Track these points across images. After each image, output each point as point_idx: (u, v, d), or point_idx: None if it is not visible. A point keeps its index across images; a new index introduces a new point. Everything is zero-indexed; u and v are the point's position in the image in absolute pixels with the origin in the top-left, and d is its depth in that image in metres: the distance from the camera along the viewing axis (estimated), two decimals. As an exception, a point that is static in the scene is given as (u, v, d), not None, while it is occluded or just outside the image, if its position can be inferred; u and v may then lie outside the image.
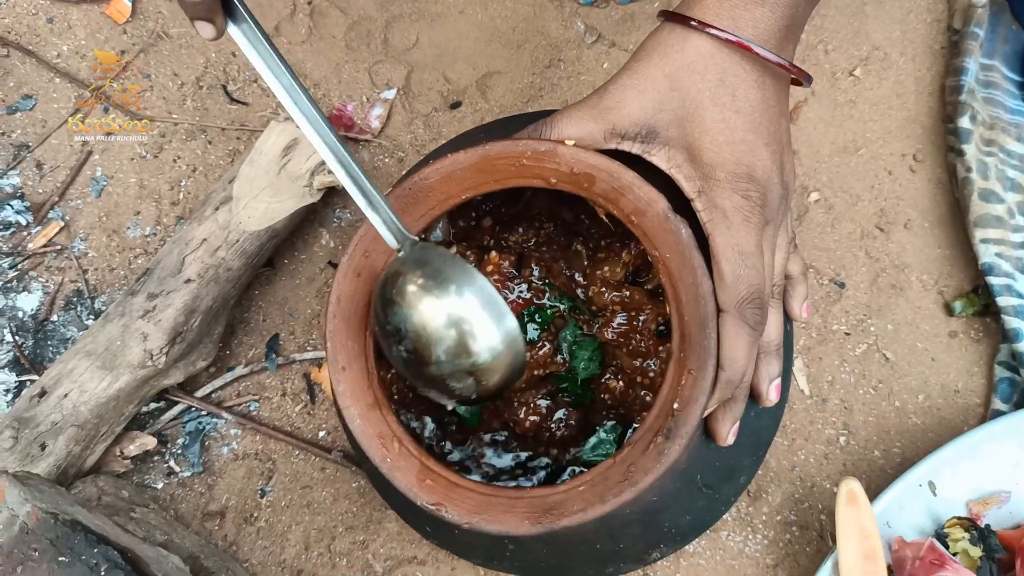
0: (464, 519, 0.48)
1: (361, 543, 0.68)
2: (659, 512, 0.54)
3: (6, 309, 0.73)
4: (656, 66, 0.48)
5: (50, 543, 0.51)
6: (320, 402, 0.71)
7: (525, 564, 0.57)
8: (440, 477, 0.49)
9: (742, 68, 0.47)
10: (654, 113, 0.48)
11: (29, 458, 0.63)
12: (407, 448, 0.50)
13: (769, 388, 0.52)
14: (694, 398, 0.47)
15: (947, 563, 0.58)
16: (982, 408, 0.68)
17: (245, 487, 0.70)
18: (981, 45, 0.74)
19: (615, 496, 0.47)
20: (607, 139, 0.50)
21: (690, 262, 0.48)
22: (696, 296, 0.48)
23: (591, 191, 0.50)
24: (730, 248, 0.47)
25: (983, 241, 0.69)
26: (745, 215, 0.47)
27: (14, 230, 0.75)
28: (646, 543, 0.56)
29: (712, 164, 0.47)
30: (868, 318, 0.71)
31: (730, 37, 0.46)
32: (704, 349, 0.47)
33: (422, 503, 0.49)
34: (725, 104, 0.47)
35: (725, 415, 0.50)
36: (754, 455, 0.57)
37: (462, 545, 0.59)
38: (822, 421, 0.69)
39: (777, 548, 0.66)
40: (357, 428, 0.50)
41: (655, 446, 0.47)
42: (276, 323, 0.73)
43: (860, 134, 0.75)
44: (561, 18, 0.78)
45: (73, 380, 0.64)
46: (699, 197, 0.48)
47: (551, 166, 0.50)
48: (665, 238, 0.49)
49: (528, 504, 0.48)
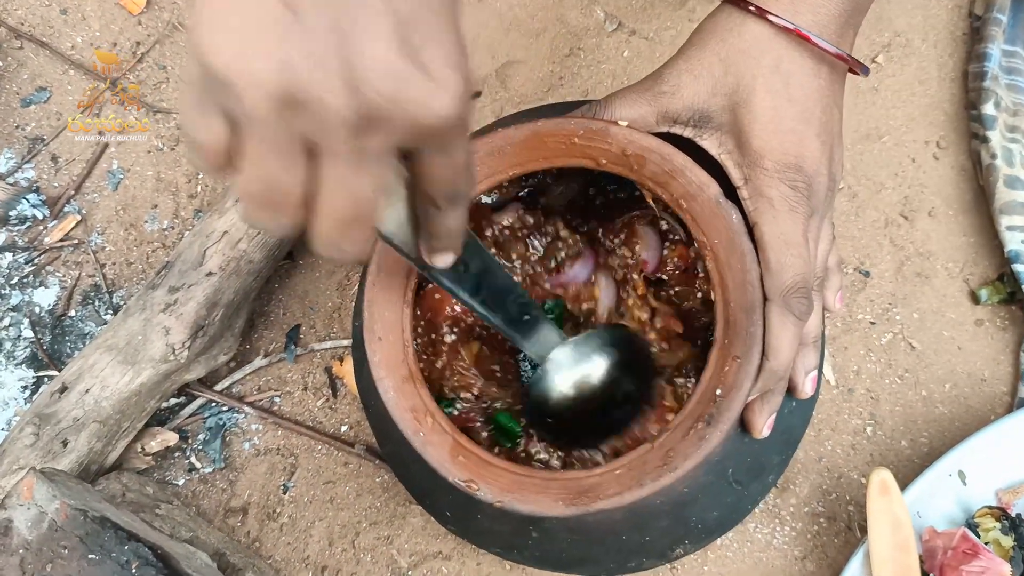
0: (496, 497, 0.47)
1: (386, 538, 0.67)
2: (688, 504, 0.53)
3: (23, 304, 0.72)
4: (712, 51, 0.48)
5: (79, 540, 0.50)
6: (342, 396, 0.71)
7: (546, 554, 0.57)
8: (472, 455, 0.48)
9: (799, 56, 0.47)
10: (708, 98, 0.48)
11: (51, 455, 0.62)
12: (440, 424, 0.49)
13: (806, 380, 0.52)
14: (738, 385, 0.47)
15: (981, 552, 0.57)
16: (1009, 397, 0.68)
17: (267, 483, 0.69)
18: (1004, 31, 0.74)
19: (653, 480, 0.46)
20: (659, 122, 0.50)
21: (739, 248, 0.48)
22: (744, 283, 0.47)
23: (640, 173, 0.50)
24: (776, 237, 0.47)
25: (1009, 228, 0.68)
26: (792, 205, 0.46)
27: (30, 224, 0.74)
28: (672, 538, 0.55)
29: (761, 152, 0.47)
30: (893, 307, 0.70)
31: (787, 25, 0.46)
32: (750, 336, 0.47)
33: (454, 479, 0.48)
34: (778, 92, 0.46)
35: (763, 406, 0.50)
36: (783, 453, 0.56)
37: (483, 533, 0.58)
38: (849, 411, 0.68)
39: (805, 540, 0.66)
40: (391, 400, 0.49)
41: (695, 432, 0.46)
42: (296, 316, 0.73)
43: (883, 121, 0.74)
44: (581, 6, 0.78)
45: (94, 375, 0.64)
46: (746, 185, 0.48)
47: (602, 146, 0.50)
48: (714, 223, 0.48)
49: (562, 485, 0.47)
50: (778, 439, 0.54)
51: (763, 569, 0.65)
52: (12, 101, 0.77)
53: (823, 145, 0.47)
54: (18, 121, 0.77)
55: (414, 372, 0.50)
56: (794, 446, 0.57)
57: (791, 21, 0.46)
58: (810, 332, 0.51)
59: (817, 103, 0.47)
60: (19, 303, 0.72)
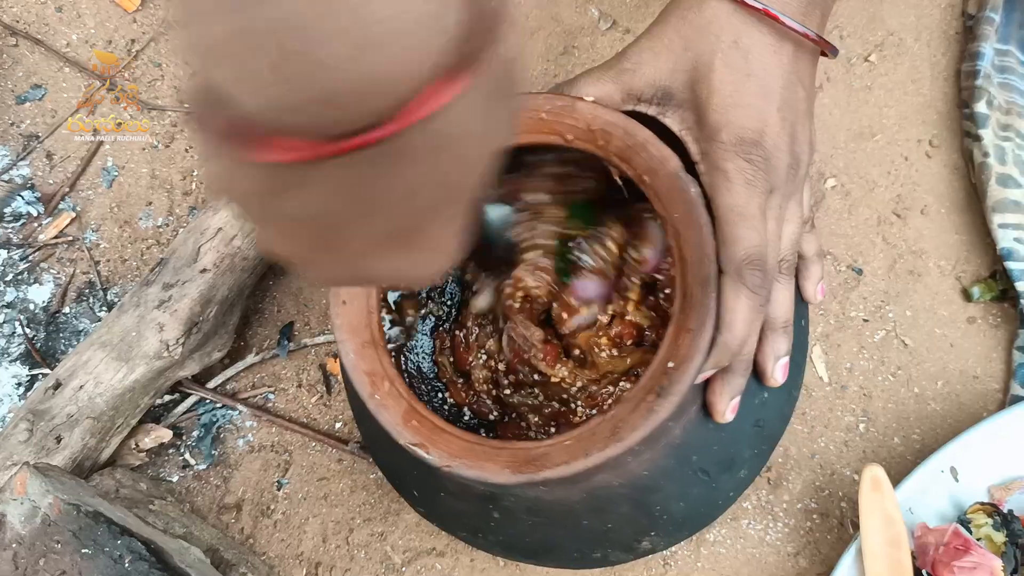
0: (444, 461, 0.47)
1: (379, 535, 0.67)
2: (650, 491, 0.52)
3: (17, 301, 0.72)
4: (673, 28, 0.48)
5: (73, 535, 0.50)
6: (336, 393, 0.71)
7: (510, 539, 0.56)
8: (426, 420, 0.49)
9: (758, 32, 0.46)
10: (669, 75, 0.48)
11: (44, 451, 0.62)
12: (397, 389, 0.49)
13: (775, 367, 0.51)
14: (690, 356, 0.46)
15: (972, 548, 0.58)
16: (1001, 394, 0.68)
17: (261, 479, 0.69)
18: (997, 30, 0.74)
19: (599, 450, 0.46)
20: (625, 101, 0.50)
21: (697, 220, 0.47)
22: (700, 257, 0.47)
23: (607, 149, 0.50)
24: (730, 209, 0.47)
25: (1001, 226, 0.68)
26: (747, 178, 0.46)
27: (24, 221, 0.74)
28: (635, 527, 0.54)
29: (717, 126, 0.47)
30: (886, 304, 0.70)
31: (746, 0, 0.46)
32: (704, 308, 0.46)
33: (404, 442, 0.48)
34: (737, 67, 0.46)
35: (723, 387, 0.49)
36: (757, 448, 0.56)
37: (447, 514, 0.58)
38: (841, 408, 0.68)
39: (798, 536, 0.66)
40: (350, 363, 0.49)
41: (645, 404, 0.46)
42: (291, 313, 0.73)
43: (876, 120, 0.74)
44: (575, 5, 0.78)
45: (88, 371, 0.64)
46: (703, 159, 0.48)
47: (569, 121, 0.50)
48: (675, 197, 0.48)
49: (511, 454, 0.47)
50: (749, 431, 0.54)
51: (756, 565, 0.65)
52: (7, 98, 0.77)
53: (783, 121, 0.47)
54: (13, 118, 0.77)
55: (376, 338, 0.50)
56: (770, 442, 0.56)
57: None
58: (778, 317, 0.50)
59: (778, 79, 0.47)
60: (13, 300, 0.72)
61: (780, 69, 0.47)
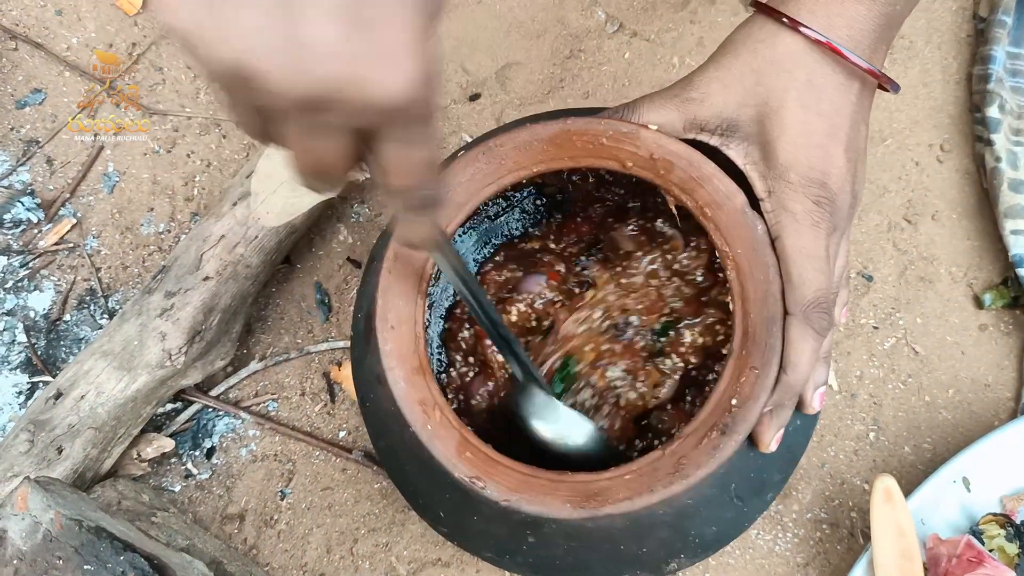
0: (504, 496, 0.47)
1: (384, 545, 0.67)
2: (690, 517, 0.53)
3: (17, 309, 0.72)
4: (744, 61, 0.47)
5: (75, 551, 0.50)
6: (340, 401, 0.70)
7: (540, 560, 0.55)
8: (480, 452, 0.48)
9: (831, 70, 0.46)
10: (737, 107, 0.48)
11: (46, 462, 0.61)
12: (448, 418, 0.48)
13: (814, 395, 0.51)
14: (755, 396, 0.46)
15: (985, 560, 0.57)
16: (1013, 402, 0.68)
17: (264, 489, 0.68)
18: (1008, 33, 0.73)
19: (664, 487, 0.46)
20: (687, 129, 0.49)
21: (763, 259, 0.47)
22: (765, 294, 0.47)
23: (666, 179, 0.49)
24: (799, 251, 0.47)
25: (1014, 232, 0.68)
26: (815, 220, 0.46)
27: (24, 228, 0.73)
28: (669, 551, 0.54)
29: (787, 165, 0.46)
30: (896, 311, 0.70)
31: (821, 38, 0.45)
32: (769, 348, 0.47)
33: (460, 475, 0.47)
34: (809, 106, 0.46)
35: (772, 420, 0.49)
36: (784, 472, 0.55)
37: (477, 536, 0.57)
38: (851, 417, 0.68)
39: (808, 546, 0.65)
40: (400, 391, 0.48)
41: (709, 440, 0.46)
42: (294, 321, 0.72)
43: (886, 124, 0.74)
44: (581, 7, 0.77)
45: (90, 381, 0.63)
46: (769, 197, 0.48)
47: (630, 148, 0.50)
48: (739, 233, 0.48)
49: (570, 488, 0.47)
50: (783, 456, 0.54)
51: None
52: (7, 103, 0.76)
53: (849, 162, 0.47)
54: (12, 123, 0.76)
55: (424, 365, 0.49)
56: (794, 465, 0.56)
57: (825, 35, 0.45)
58: (825, 348, 0.51)
59: (847, 119, 0.47)
60: (14, 307, 0.72)
61: (848, 108, 0.47)
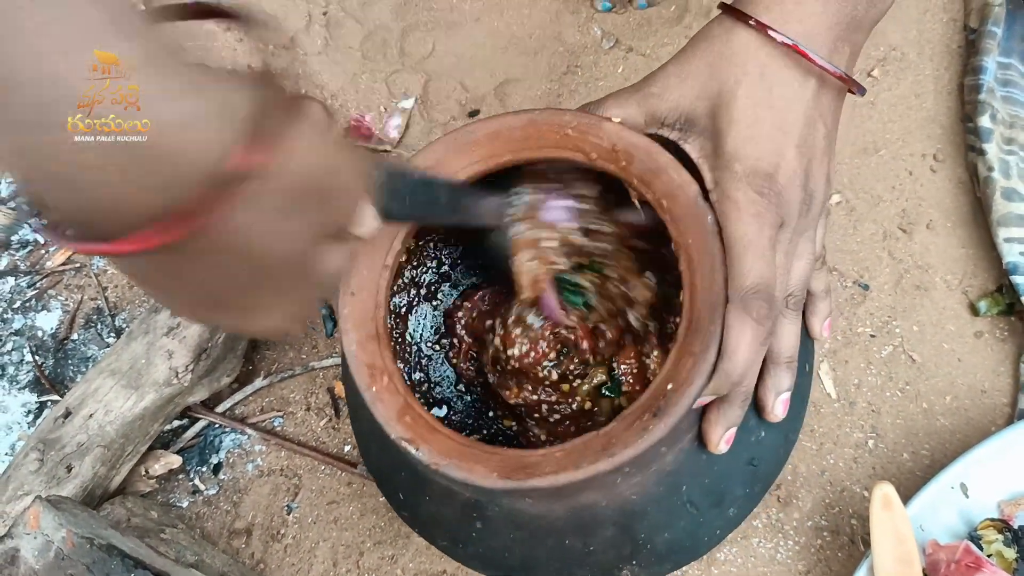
0: (433, 459, 0.47)
1: (390, 558, 0.67)
2: (636, 516, 0.52)
3: (25, 328, 0.73)
4: (700, 56, 0.48)
5: (86, 568, 0.50)
6: (344, 416, 0.71)
7: (490, 553, 0.55)
8: (421, 419, 0.48)
9: (784, 66, 0.47)
10: (692, 101, 0.48)
11: (55, 480, 0.62)
12: (395, 384, 0.49)
13: (776, 401, 0.51)
14: (690, 380, 0.46)
15: (984, 566, 0.58)
16: (1009, 408, 0.68)
17: (271, 504, 0.69)
18: (999, 44, 0.74)
19: (589, 463, 0.46)
20: (648, 124, 0.50)
21: (710, 248, 0.48)
22: (711, 284, 0.47)
23: (628, 171, 0.50)
24: (738, 239, 0.47)
25: (1007, 240, 0.68)
26: (758, 210, 0.46)
27: (32, 248, 0.74)
28: (617, 552, 0.54)
29: (733, 155, 0.47)
30: (893, 320, 0.70)
31: (773, 35, 0.46)
32: (709, 334, 0.46)
33: (396, 436, 0.48)
34: (759, 99, 0.46)
35: (719, 416, 0.49)
36: (749, 487, 0.55)
37: (430, 520, 0.57)
38: (850, 424, 0.68)
39: (809, 554, 0.66)
40: (351, 354, 0.49)
41: (640, 423, 0.46)
42: (299, 336, 0.73)
43: (880, 135, 0.75)
44: (578, 24, 0.78)
45: (98, 400, 0.64)
46: (715, 188, 0.48)
47: (594, 140, 0.51)
48: (691, 223, 0.48)
49: (501, 459, 0.47)
50: (743, 468, 0.53)
51: (767, 584, 0.65)
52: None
53: (801, 157, 0.47)
54: (18, 145, 0.77)
55: (381, 332, 0.50)
56: (763, 483, 0.55)
57: (778, 31, 0.46)
58: (782, 351, 0.50)
59: (800, 116, 0.47)
60: (22, 327, 0.73)
61: (802, 105, 0.47)
